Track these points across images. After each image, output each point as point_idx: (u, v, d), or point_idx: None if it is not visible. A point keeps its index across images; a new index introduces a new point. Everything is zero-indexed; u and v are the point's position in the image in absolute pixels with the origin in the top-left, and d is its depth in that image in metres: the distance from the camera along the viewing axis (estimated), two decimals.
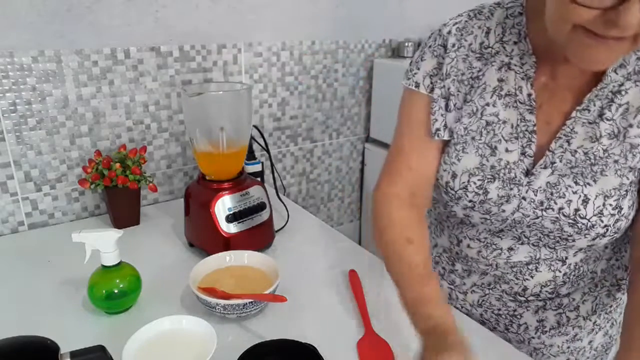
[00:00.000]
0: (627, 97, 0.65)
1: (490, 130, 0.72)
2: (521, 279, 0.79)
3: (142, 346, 0.70)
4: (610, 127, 0.66)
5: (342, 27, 1.51)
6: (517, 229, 0.74)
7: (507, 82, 0.71)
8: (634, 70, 0.65)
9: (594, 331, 0.84)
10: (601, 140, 0.66)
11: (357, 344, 0.78)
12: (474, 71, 0.73)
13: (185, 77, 1.27)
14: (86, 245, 0.80)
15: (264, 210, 1.04)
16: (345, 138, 1.66)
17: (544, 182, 0.69)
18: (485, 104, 0.72)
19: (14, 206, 1.13)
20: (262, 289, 0.83)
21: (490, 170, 0.72)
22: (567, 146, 0.68)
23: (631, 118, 0.65)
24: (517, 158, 0.71)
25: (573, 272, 0.78)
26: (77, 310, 0.85)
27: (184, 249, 1.07)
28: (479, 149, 0.73)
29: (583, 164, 0.67)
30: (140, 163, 1.14)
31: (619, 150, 0.66)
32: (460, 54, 0.73)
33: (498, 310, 0.85)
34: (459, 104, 0.75)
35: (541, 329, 0.83)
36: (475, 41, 0.73)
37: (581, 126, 0.67)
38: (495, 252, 0.78)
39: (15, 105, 1.07)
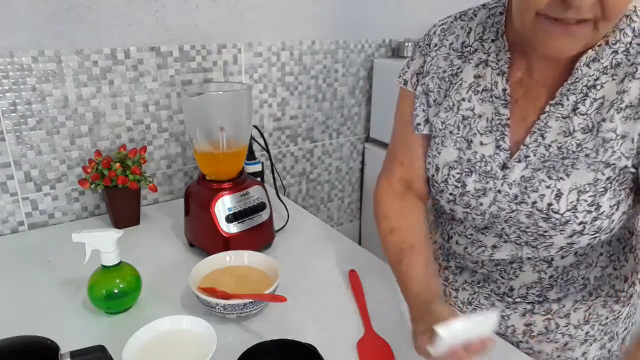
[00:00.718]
0: (603, 91, 0.65)
1: (467, 125, 0.74)
2: (506, 279, 0.79)
3: (142, 346, 0.70)
4: (585, 121, 0.66)
5: (342, 27, 1.51)
6: (497, 224, 0.74)
7: (484, 78, 0.73)
8: (610, 65, 0.65)
9: (587, 342, 0.81)
10: (575, 134, 0.66)
11: (357, 344, 0.78)
12: (454, 69, 0.76)
13: (185, 77, 1.27)
14: (86, 245, 0.80)
15: (264, 210, 1.04)
16: (345, 138, 1.66)
17: (518, 175, 0.70)
18: (462, 99, 0.75)
19: (14, 206, 1.13)
20: (262, 289, 0.83)
21: (467, 163, 0.74)
22: (541, 140, 0.68)
23: (605, 112, 0.64)
24: (492, 152, 0.72)
25: (561, 275, 0.77)
26: (77, 310, 0.85)
27: (184, 249, 1.07)
28: (457, 143, 0.75)
29: (556, 157, 0.67)
30: (140, 163, 1.14)
31: (592, 145, 0.65)
32: (441, 53, 0.78)
33: (487, 310, 0.84)
34: (439, 100, 0.78)
35: (529, 333, 0.82)
36: (456, 40, 0.77)
37: (555, 120, 0.68)
38: (480, 249, 0.79)
39: (15, 105, 1.07)
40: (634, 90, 0.63)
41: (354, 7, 1.50)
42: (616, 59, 0.65)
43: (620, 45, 0.65)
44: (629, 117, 0.63)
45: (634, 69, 0.63)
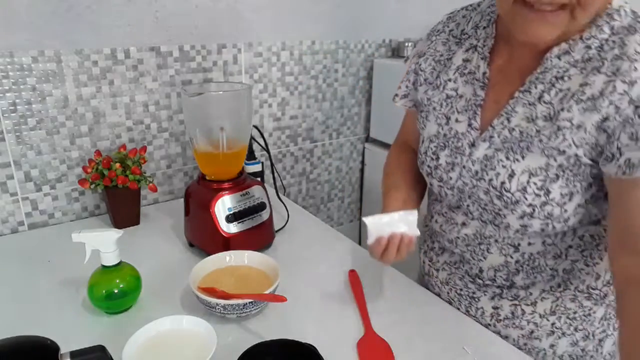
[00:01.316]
0: (569, 83, 0.68)
1: (449, 103, 0.81)
2: (476, 260, 0.83)
3: (142, 346, 0.70)
4: (547, 110, 0.69)
5: (342, 27, 1.51)
6: (463, 201, 0.80)
7: (470, 61, 0.79)
8: (581, 58, 0.67)
9: (554, 334, 0.82)
10: (536, 121, 0.70)
11: (357, 344, 0.78)
12: (450, 53, 0.83)
13: (185, 77, 1.27)
14: (86, 245, 0.80)
15: (264, 210, 1.04)
16: (345, 138, 1.66)
17: (482, 154, 0.75)
18: (448, 79, 0.81)
19: (14, 206, 1.13)
20: (262, 289, 0.83)
21: (443, 138, 0.81)
22: (506, 123, 0.73)
23: (565, 102, 0.67)
24: (465, 129, 0.78)
25: (527, 261, 0.79)
26: (77, 310, 0.85)
27: (184, 249, 1.07)
28: (438, 118, 0.82)
29: (515, 140, 0.71)
30: (140, 163, 1.14)
31: (548, 132, 0.68)
32: (440, 38, 0.85)
33: (460, 291, 0.88)
34: (430, 80, 0.85)
35: (496, 316, 0.84)
36: (457, 28, 0.84)
37: (521, 106, 0.72)
38: (452, 226, 0.84)
39: (15, 105, 1.07)
40: (598, 83, 0.65)
41: (354, 7, 1.50)
42: (588, 54, 0.67)
43: (594, 41, 0.67)
44: (588, 109, 0.65)
45: (601, 63, 0.66)
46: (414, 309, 0.88)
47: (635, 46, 0.64)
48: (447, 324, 0.84)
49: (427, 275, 0.96)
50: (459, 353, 0.77)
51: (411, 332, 0.81)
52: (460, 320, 0.85)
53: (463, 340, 0.80)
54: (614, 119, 0.64)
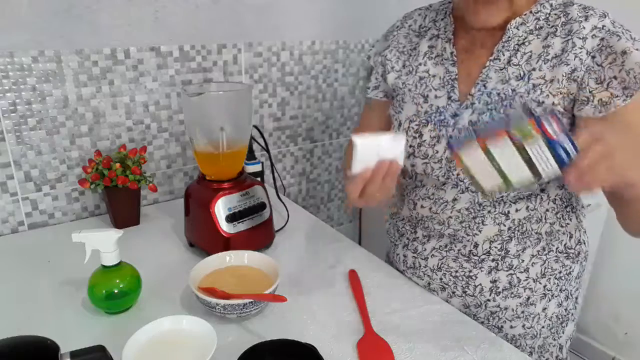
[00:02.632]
0: (530, 46, 0.80)
1: (423, 83, 0.89)
2: (471, 235, 0.87)
3: (142, 346, 0.70)
4: (517, 70, 0.80)
5: (342, 27, 1.51)
6: (452, 172, 0.85)
7: (436, 47, 0.90)
8: (534, 27, 0.81)
9: (546, 297, 0.90)
10: (510, 81, 0.80)
11: (357, 344, 0.78)
12: (413, 44, 0.93)
13: (185, 77, 1.27)
14: (86, 245, 0.80)
15: (264, 210, 1.04)
16: (345, 138, 1.66)
17: (466, 120, 0.83)
18: (418, 64, 0.91)
19: (14, 206, 1.13)
20: (262, 289, 0.83)
21: (424, 115, 0.87)
22: (483, 89, 0.82)
23: (534, 63, 0.79)
24: (445, 103, 0.86)
25: (517, 227, 0.85)
26: (77, 310, 0.85)
27: (184, 249, 1.07)
28: (414, 99, 0.89)
29: (496, 102, 0.81)
30: (140, 163, 1.14)
31: (524, 90, 0.79)
32: (401, 32, 0.96)
33: (455, 273, 0.91)
34: (397, 67, 0.94)
35: (495, 289, 0.89)
36: (415, 23, 0.95)
37: (494, 72, 0.82)
38: (443, 205, 0.88)
39: (15, 105, 1.07)
40: (557, 44, 0.78)
41: (354, 7, 1.50)
42: (539, 24, 0.81)
43: (540, 14, 0.81)
44: (555, 65, 0.78)
45: (554, 29, 0.79)
46: (414, 309, 0.88)
47: (576, 12, 0.78)
48: (447, 324, 0.84)
49: (411, 269, 0.97)
50: (459, 353, 0.77)
51: (411, 332, 0.81)
52: (460, 320, 0.85)
53: (463, 340, 0.80)
54: (580, 69, 0.76)
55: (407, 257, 0.97)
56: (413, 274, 0.97)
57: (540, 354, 0.94)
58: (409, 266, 0.97)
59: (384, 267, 1.02)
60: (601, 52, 0.75)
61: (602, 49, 0.75)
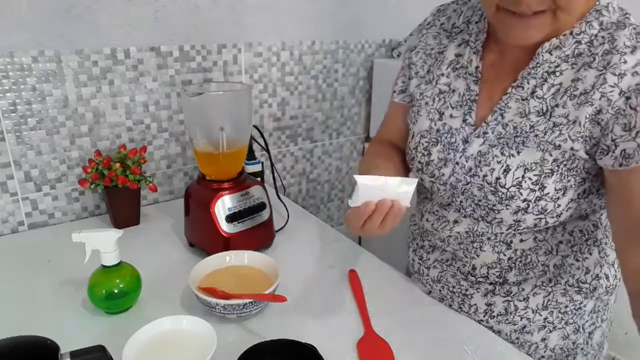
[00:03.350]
0: (561, 78, 0.69)
1: (442, 98, 0.81)
2: (469, 257, 0.83)
3: (142, 346, 0.70)
4: (540, 104, 0.70)
5: (342, 27, 1.51)
6: (456, 197, 0.80)
7: (463, 56, 0.80)
8: (572, 53, 0.69)
9: (546, 329, 0.83)
10: (530, 116, 0.71)
11: (357, 344, 0.78)
12: (441, 47, 0.84)
13: (185, 77, 1.27)
14: (86, 245, 0.80)
15: (264, 210, 1.04)
16: (345, 138, 1.66)
17: (476, 150, 0.76)
18: (441, 74, 0.82)
19: (14, 206, 1.13)
20: (262, 289, 0.83)
21: (436, 133, 0.81)
22: (500, 119, 0.74)
23: (559, 98, 0.69)
24: (459, 125, 0.78)
25: (519, 258, 0.80)
26: (77, 310, 0.85)
27: (184, 249, 1.07)
28: (430, 114, 0.82)
29: (510, 136, 0.72)
30: (140, 163, 1.14)
31: (543, 127, 0.70)
32: (431, 32, 0.86)
33: (453, 288, 0.89)
34: (421, 73, 0.85)
35: (489, 313, 0.85)
36: (448, 22, 0.84)
37: (515, 102, 0.73)
38: (444, 224, 0.84)
39: (15, 105, 1.07)
40: (589, 78, 0.66)
41: (354, 7, 1.50)
42: (579, 49, 0.69)
43: (584, 36, 0.68)
44: (581, 104, 0.67)
45: (592, 58, 0.67)
46: (414, 309, 0.88)
47: (624, 40, 0.65)
48: (447, 324, 0.84)
49: (416, 274, 0.96)
50: (459, 353, 0.77)
51: (411, 332, 0.81)
52: (460, 320, 0.85)
53: (463, 340, 0.80)
54: (606, 111, 0.65)
55: (415, 261, 0.97)
56: (418, 279, 0.96)
57: None
58: (415, 270, 0.97)
59: (384, 267, 1.02)
60: (639, 94, 0.63)
61: None
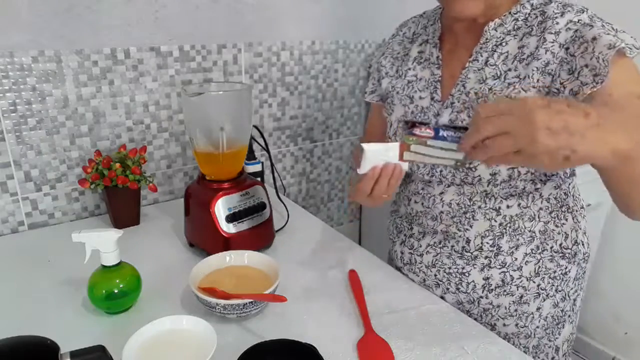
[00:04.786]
0: (507, 47, 0.82)
1: (410, 86, 0.94)
2: (462, 230, 0.89)
3: (142, 346, 0.70)
4: (494, 70, 0.83)
5: (342, 27, 1.51)
6: (435, 170, 0.89)
7: (424, 52, 0.94)
8: (512, 28, 0.83)
9: (540, 296, 0.90)
10: (487, 81, 0.83)
11: (357, 344, 0.78)
12: (405, 50, 0.99)
13: (185, 77, 1.27)
14: (86, 245, 0.80)
15: (264, 210, 1.05)
16: (345, 138, 1.66)
17: (446, 119, 0.87)
18: (408, 69, 0.95)
19: (14, 206, 1.13)
20: (262, 289, 0.83)
21: (410, 115, 0.92)
22: (462, 89, 0.85)
23: (510, 63, 0.81)
24: (428, 104, 0.90)
25: (509, 224, 0.87)
26: (77, 310, 0.85)
27: (184, 249, 1.07)
28: (402, 100, 0.95)
29: (473, 100, 0.84)
30: (140, 163, 1.14)
31: (499, 88, 0.81)
32: (396, 40, 1.02)
33: (449, 269, 0.92)
34: (391, 73, 0.99)
35: (487, 287, 0.90)
36: (409, 31, 1.01)
37: (472, 73, 0.85)
38: (432, 199, 0.92)
39: (15, 105, 1.07)
40: (532, 43, 0.80)
41: (354, 7, 1.50)
42: (517, 24, 0.83)
43: (520, 14, 0.83)
44: (529, 63, 0.79)
45: (530, 29, 0.81)
46: (414, 309, 0.88)
47: (553, 9, 0.79)
48: (447, 324, 0.84)
49: (407, 265, 0.99)
50: (459, 353, 0.77)
51: (411, 332, 0.81)
52: (460, 320, 0.85)
53: (463, 340, 0.80)
54: (552, 62, 0.77)
55: (404, 253, 0.99)
56: (409, 270, 0.99)
57: (535, 354, 0.95)
58: (406, 262, 0.99)
59: (384, 267, 1.02)
60: (574, 43, 0.75)
61: (575, 39, 0.75)
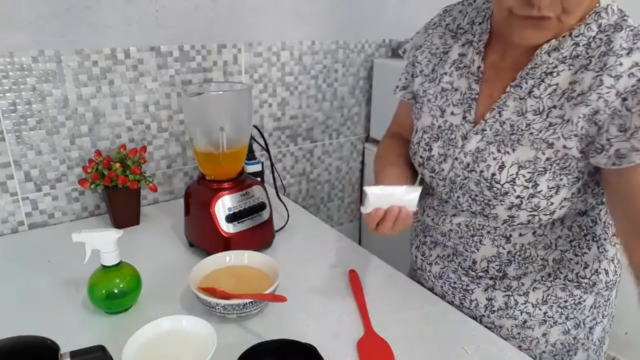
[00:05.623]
0: (558, 78, 0.71)
1: (444, 96, 0.84)
2: (469, 251, 0.85)
3: (142, 346, 0.70)
4: (537, 104, 0.73)
5: (342, 27, 1.51)
6: (454, 192, 0.83)
7: (466, 56, 0.82)
8: (569, 55, 0.71)
9: (546, 323, 0.84)
10: (526, 115, 0.73)
11: (357, 344, 0.78)
12: (446, 47, 0.86)
13: (185, 77, 1.27)
14: (86, 245, 0.80)
15: (264, 210, 1.05)
16: (345, 138, 1.66)
17: (474, 146, 0.78)
18: (444, 73, 0.84)
19: (14, 206, 1.13)
20: (262, 289, 0.83)
21: (437, 130, 0.84)
22: (498, 117, 0.76)
23: (556, 100, 0.71)
24: (459, 122, 0.81)
25: (519, 252, 0.82)
26: (77, 310, 0.85)
27: (184, 249, 1.07)
28: (432, 110, 0.85)
29: (506, 133, 0.75)
30: (140, 163, 1.14)
31: (539, 126, 0.72)
32: (436, 32, 0.88)
33: (454, 284, 0.90)
34: (426, 72, 0.88)
35: (490, 307, 0.87)
36: (453, 22, 0.86)
37: (512, 100, 0.75)
38: (442, 218, 0.87)
39: (15, 105, 1.07)
40: (586, 80, 0.69)
41: (354, 7, 1.50)
42: (576, 51, 0.71)
43: (582, 38, 0.71)
44: (577, 104, 0.69)
45: (589, 61, 0.69)
46: (414, 309, 0.88)
47: (620, 42, 0.67)
48: (447, 324, 0.84)
49: (419, 270, 0.97)
50: (459, 353, 0.77)
51: (411, 332, 0.81)
52: (460, 320, 0.85)
53: (463, 340, 0.80)
54: (603, 112, 0.67)
55: (417, 257, 0.98)
56: (421, 275, 0.97)
57: None
58: (418, 267, 0.98)
59: (384, 267, 1.02)
60: (635, 95, 0.64)
61: (638, 91, 0.64)
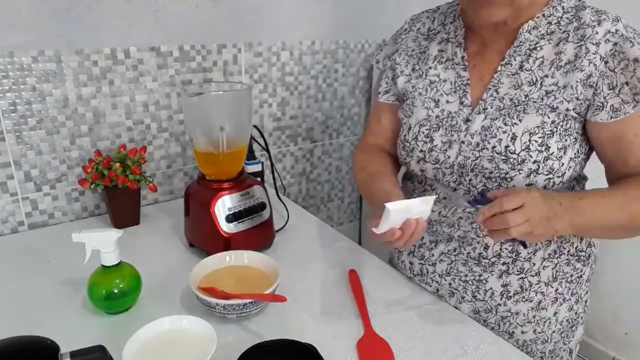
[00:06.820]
0: (542, 52, 0.81)
1: (434, 87, 0.89)
2: (481, 236, 0.86)
3: (142, 346, 0.70)
4: (530, 75, 0.81)
5: (342, 27, 1.51)
6: (464, 177, 0.85)
7: (446, 51, 0.90)
8: (546, 32, 0.81)
9: (557, 301, 0.89)
10: (522, 87, 0.81)
11: (357, 344, 0.78)
12: (422, 48, 0.93)
13: (185, 77, 1.27)
14: (86, 245, 0.80)
15: (264, 210, 1.05)
16: (345, 138, 1.66)
17: (479, 126, 0.82)
18: (429, 68, 0.91)
19: (14, 206, 1.13)
20: (262, 289, 0.83)
21: (436, 120, 0.87)
22: (495, 95, 0.82)
23: (546, 69, 0.80)
24: (457, 108, 0.86)
25: None
26: (77, 310, 0.85)
27: (184, 249, 1.08)
28: (425, 103, 0.89)
29: (509, 107, 0.81)
30: (140, 163, 1.14)
31: (536, 95, 0.80)
32: (409, 36, 0.96)
33: (465, 277, 0.89)
34: (407, 72, 0.94)
35: (506, 294, 0.88)
36: (423, 27, 0.95)
37: (506, 77, 0.82)
38: (453, 209, 0.88)
39: (15, 105, 1.07)
40: (569, 50, 0.79)
41: (354, 7, 1.50)
42: (550, 28, 0.81)
43: (553, 17, 0.81)
44: (568, 71, 0.78)
45: (566, 35, 0.80)
46: (414, 309, 0.88)
47: (589, 16, 0.78)
48: (447, 324, 0.84)
49: (419, 276, 0.96)
50: (459, 353, 0.77)
51: (411, 332, 0.81)
52: (460, 320, 0.85)
53: (463, 340, 0.80)
54: (595, 75, 0.76)
55: (414, 264, 0.96)
56: (421, 280, 0.96)
57: (551, 359, 0.93)
58: (416, 273, 0.96)
59: (384, 267, 1.02)
60: (614, 58, 0.75)
61: (615, 54, 0.75)
